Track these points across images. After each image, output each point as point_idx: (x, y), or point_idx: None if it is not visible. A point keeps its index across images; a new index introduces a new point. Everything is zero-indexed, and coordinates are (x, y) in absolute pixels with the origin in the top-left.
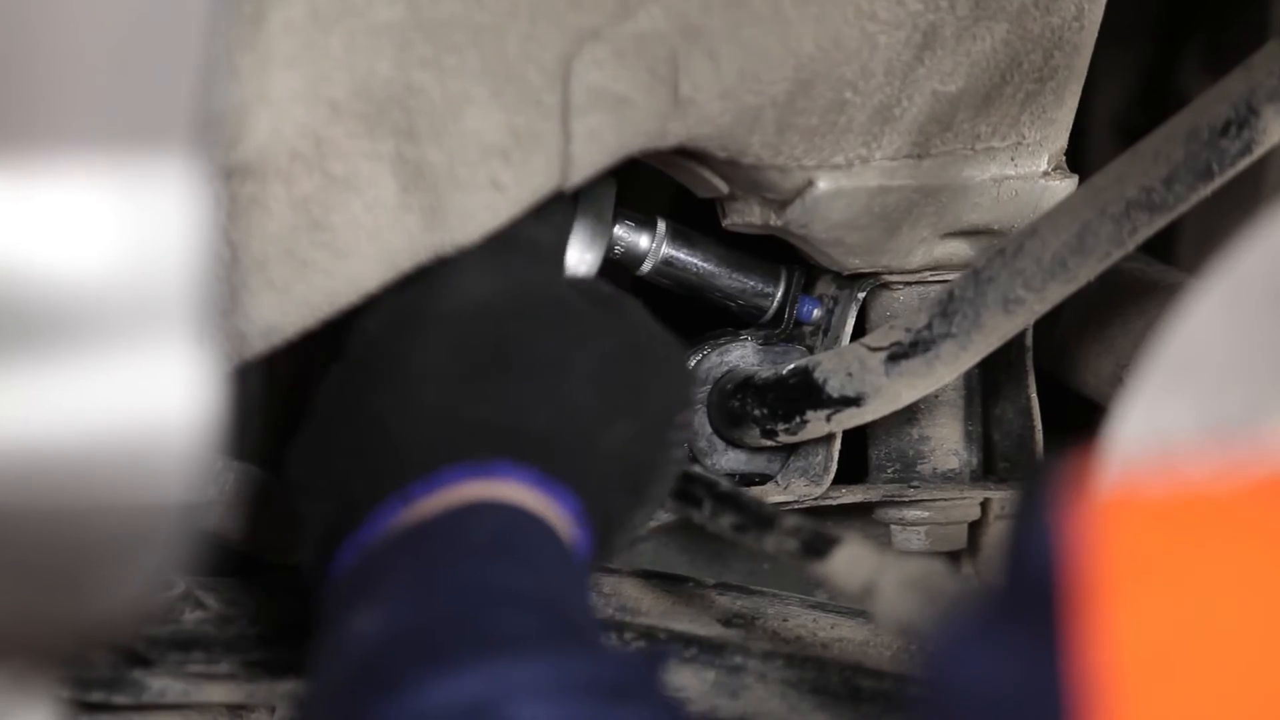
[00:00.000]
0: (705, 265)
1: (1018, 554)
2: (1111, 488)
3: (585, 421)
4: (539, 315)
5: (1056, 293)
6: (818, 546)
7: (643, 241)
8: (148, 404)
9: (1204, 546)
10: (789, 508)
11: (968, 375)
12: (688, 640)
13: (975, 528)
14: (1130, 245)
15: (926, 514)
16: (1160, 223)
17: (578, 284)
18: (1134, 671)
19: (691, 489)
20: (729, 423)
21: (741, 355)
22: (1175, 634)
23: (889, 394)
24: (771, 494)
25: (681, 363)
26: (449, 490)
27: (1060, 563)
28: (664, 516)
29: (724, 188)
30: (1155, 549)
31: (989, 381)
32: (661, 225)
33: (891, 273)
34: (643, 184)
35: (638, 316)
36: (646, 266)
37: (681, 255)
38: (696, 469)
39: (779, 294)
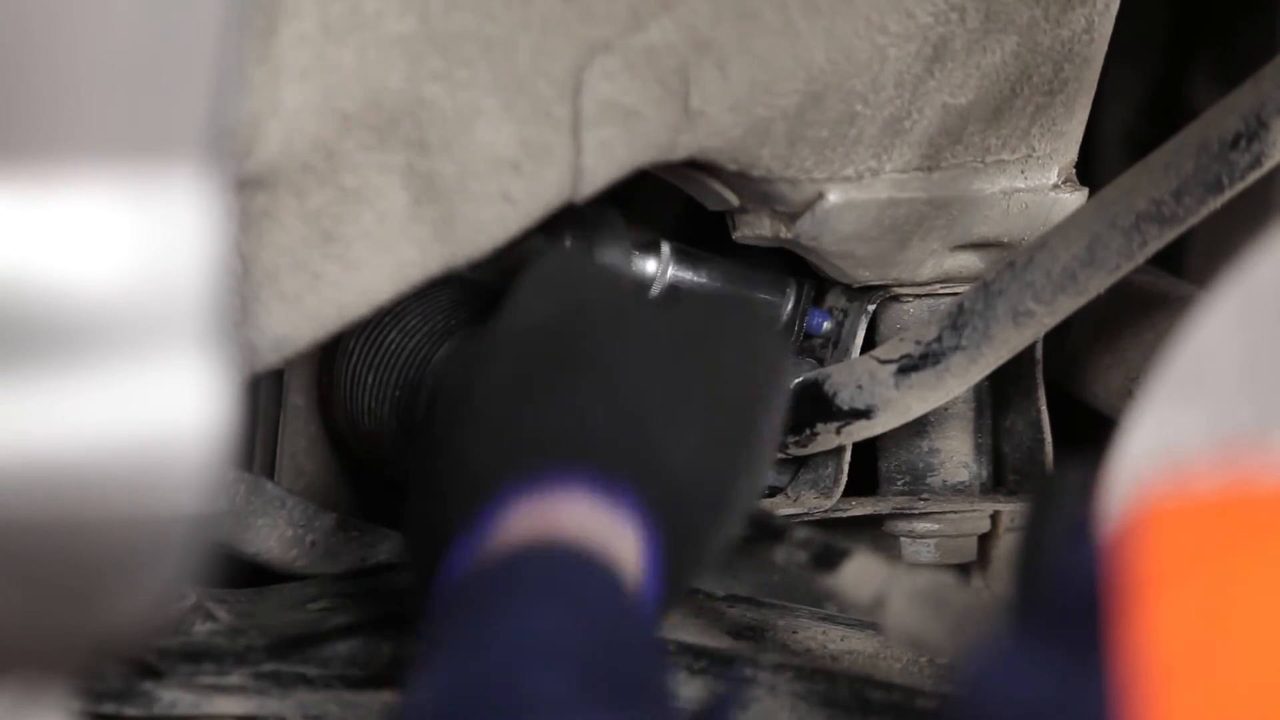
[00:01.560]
0: (712, 283)
1: (1052, 568)
2: (1140, 499)
3: (648, 423)
4: (597, 322)
5: (1066, 305)
6: (827, 559)
7: (648, 267)
8: (160, 416)
9: (1236, 553)
10: (799, 520)
11: (977, 388)
12: (697, 652)
13: (985, 540)
14: (1140, 258)
15: (936, 526)
16: (1170, 235)
17: (642, 293)
18: (1173, 680)
19: None
20: None
21: None
22: (1213, 641)
23: (899, 406)
24: (781, 506)
25: (774, 355)
26: (512, 519)
27: (1097, 576)
28: None
29: (734, 200)
30: (1188, 558)
31: (999, 394)
32: (665, 248)
33: (901, 285)
34: (649, 197)
35: (726, 314)
36: (654, 291)
37: (688, 276)
38: None
39: (789, 306)
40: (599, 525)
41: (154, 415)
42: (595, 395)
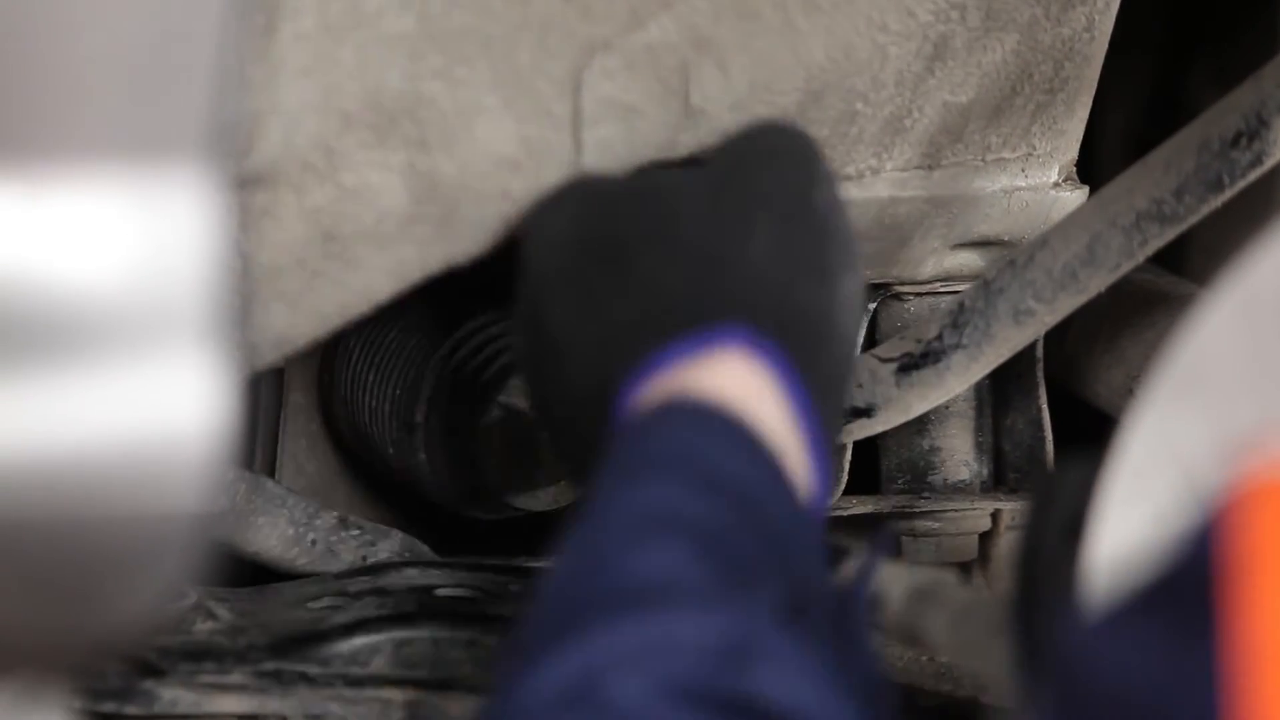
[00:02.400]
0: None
1: (1176, 546)
2: (1245, 477)
3: (746, 265)
4: (639, 193)
5: (1067, 304)
6: (828, 557)
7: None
8: (160, 414)
9: None
10: None
11: (978, 386)
12: None
13: (986, 538)
14: (1141, 256)
15: (937, 525)
16: (1171, 234)
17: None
18: None
19: None
20: None
21: None
22: None
23: (899, 405)
24: None
25: (818, 160)
26: (659, 378)
27: (1206, 553)
28: None
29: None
30: None
31: (999, 392)
32: None
33: (902, 283)
34: None
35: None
36: None
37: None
38: None
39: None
40: (737, 383)
41: (154, 413)
42: (671, 250)
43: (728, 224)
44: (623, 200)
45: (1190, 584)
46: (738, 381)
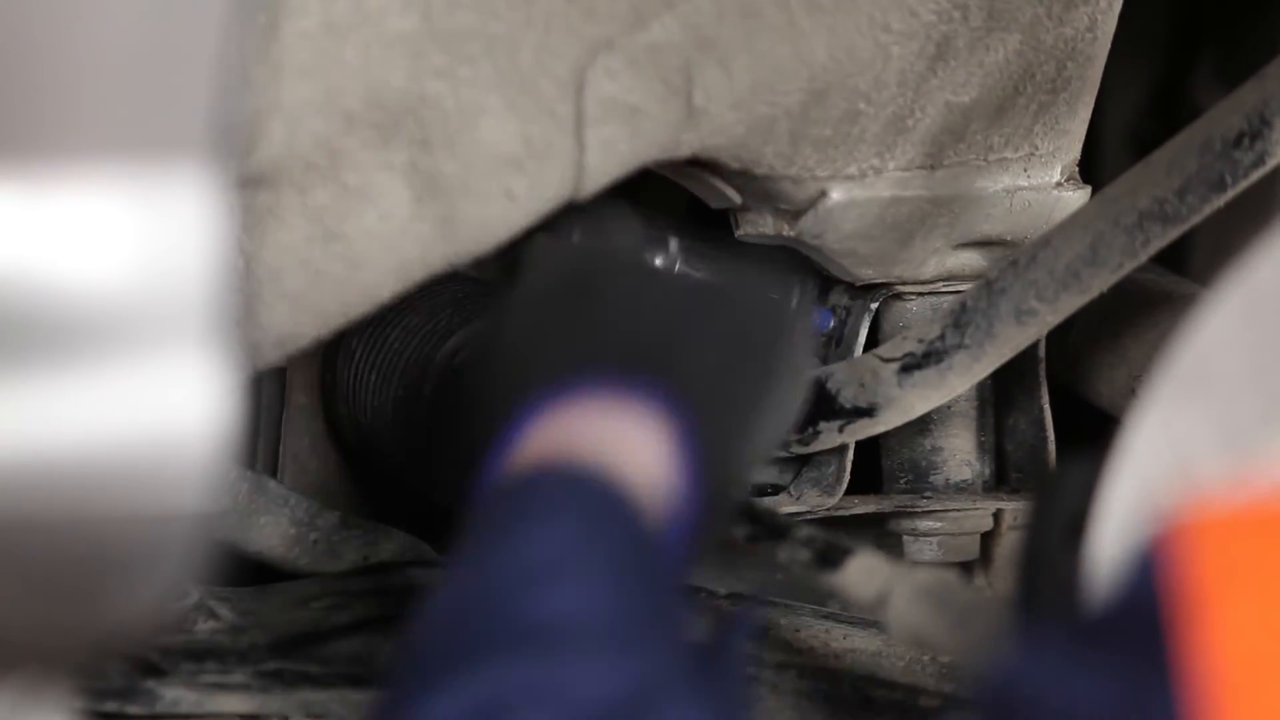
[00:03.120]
0: (717, 280)
1: (1115, 575)
2: (1193, 508)
3: (670, 338)
4: (613, 269)
5: (1069, 303)
6: (830, 557)
7: (657, 261)
8: (163, 414)
9: None
10: (801, 518)
11: (980, 386)
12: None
13: (988, 538)
14: (1143, 256)
15: (939, 524)
16: (1173, 234)
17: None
18: (1237, 695)
19: None
20: None
21: None
22: (1273, 646)
23: (902, 405)
24: (784, 504)
25: (786, 315)
26: (531, 438)
27: (1157, 583)
28: None
29: (737, 198)
30: (1249, 568)
31: (1001, 392)
32: (674, 243)
33: (904, 283)
34: (652, 196)
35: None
36: None
37: (694, 273)
38: None
39: (792, 305)
40: (621, 437)
41: (157, 413)
42: (615, 315)
43: (690, 307)
44: (608, 265)
45: (1138, 620)
46: (632, 436)
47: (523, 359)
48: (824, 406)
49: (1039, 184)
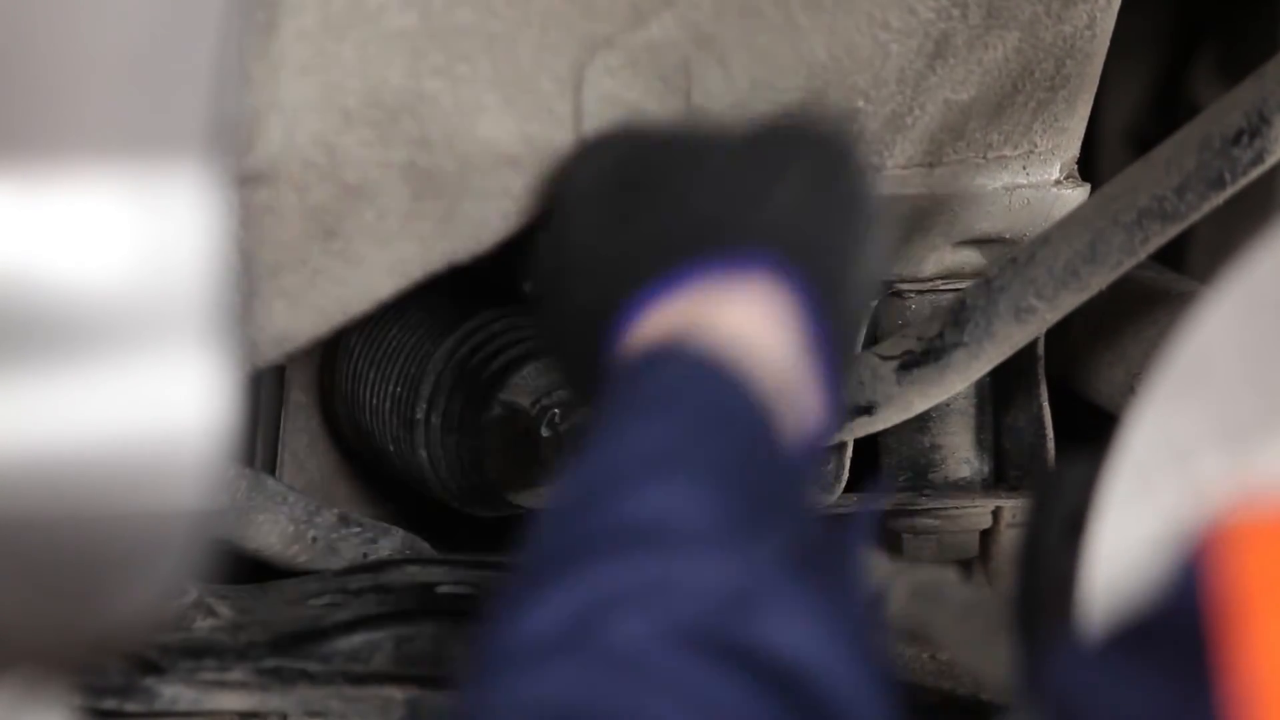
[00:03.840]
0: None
1: (1159, 583)
2: (1241, 511)
3: (767, 199)
4: (673, 137)
5: (1068, 301)
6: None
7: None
8: (161, 411)
9: None
10: None
11: (979, 384)
12: None
13: (987, 536)
14: (1142, 254)
15: (938, 522)
16: (1172, 231)
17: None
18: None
19: None
20: None
21: None
22: None
23: (901, 402)
24: None
25: (848, 145)
26: (647, 324)
27: (1201, 589)
28: None
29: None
30: None
31: (1000, 390)
32: None
33: (903, 281)
34: None
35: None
36: None
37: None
38: None
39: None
40: (740, 315)
41: (155, 411)
42: (691, 193)
43: (761, 164)
44: (663, 138)
45: (1183, 626)
46: (753, 311)
47: (610, 260)
48: None
49: (1038, 182)
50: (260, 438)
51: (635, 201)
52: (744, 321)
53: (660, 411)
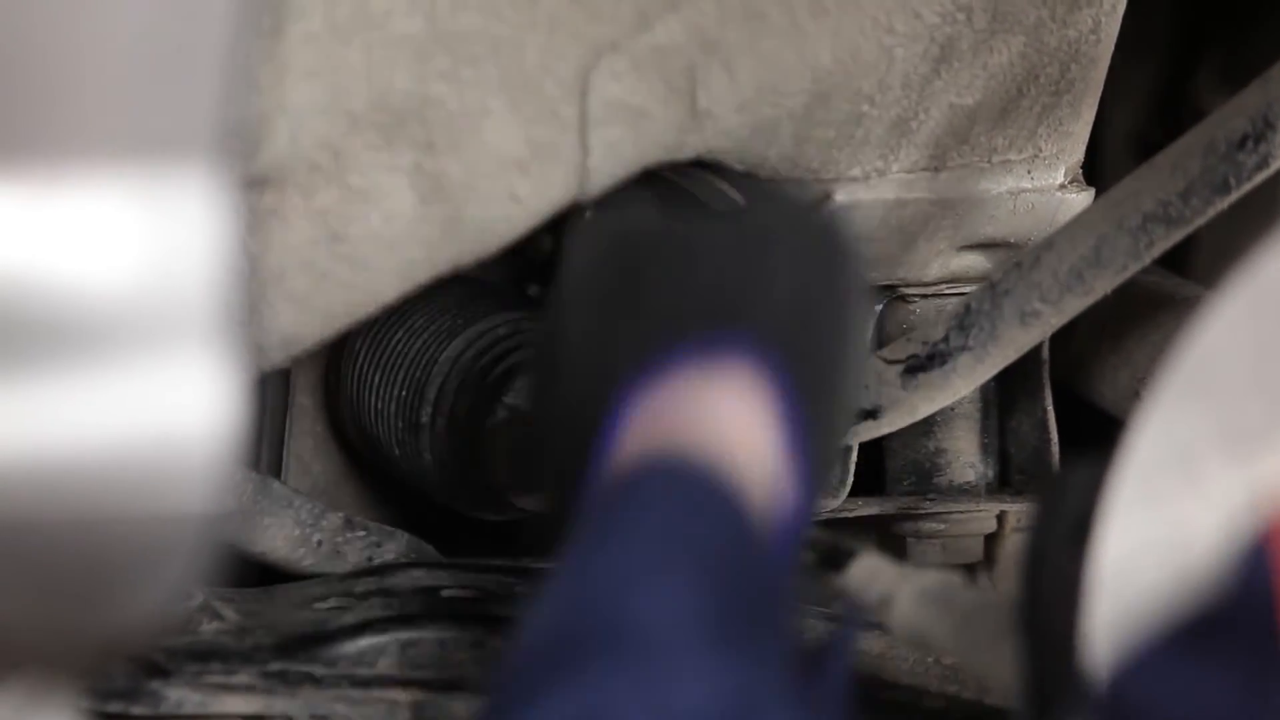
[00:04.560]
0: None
1: (1224, 575)
2: None
3: (752, 291)
4: (666, 232)
5: (1073, 306)
6: (834, 559)
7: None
8: (168, 415)
9: None
10: None
11: (984, 388)
12: None
13: (991, 540)
14: (1147, 259)
15: (942, 527)
16: (1177, 236)
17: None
18: None
19: None
20: None
21: None
22: None
23: (905, 407)
24: None
25: (841, 237)
26: (632, 428)
27: (1268, 576)
28: None
29: (741, 200)
30: None
31: (1005, 394)
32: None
33: (908, 285)
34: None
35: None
36: None
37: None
38: None
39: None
40: (719, 412)
41: (162, 414)
42: (679, 280)
43: (748, 249)
44: (655, 223)
45: (1250, 618)
46: (735, 401)
47: (596, 351)
48: None
49: (1043, 186)
50: (265, 441)
51: (622, 292)
52: (725, 414)
53: (649, 518)
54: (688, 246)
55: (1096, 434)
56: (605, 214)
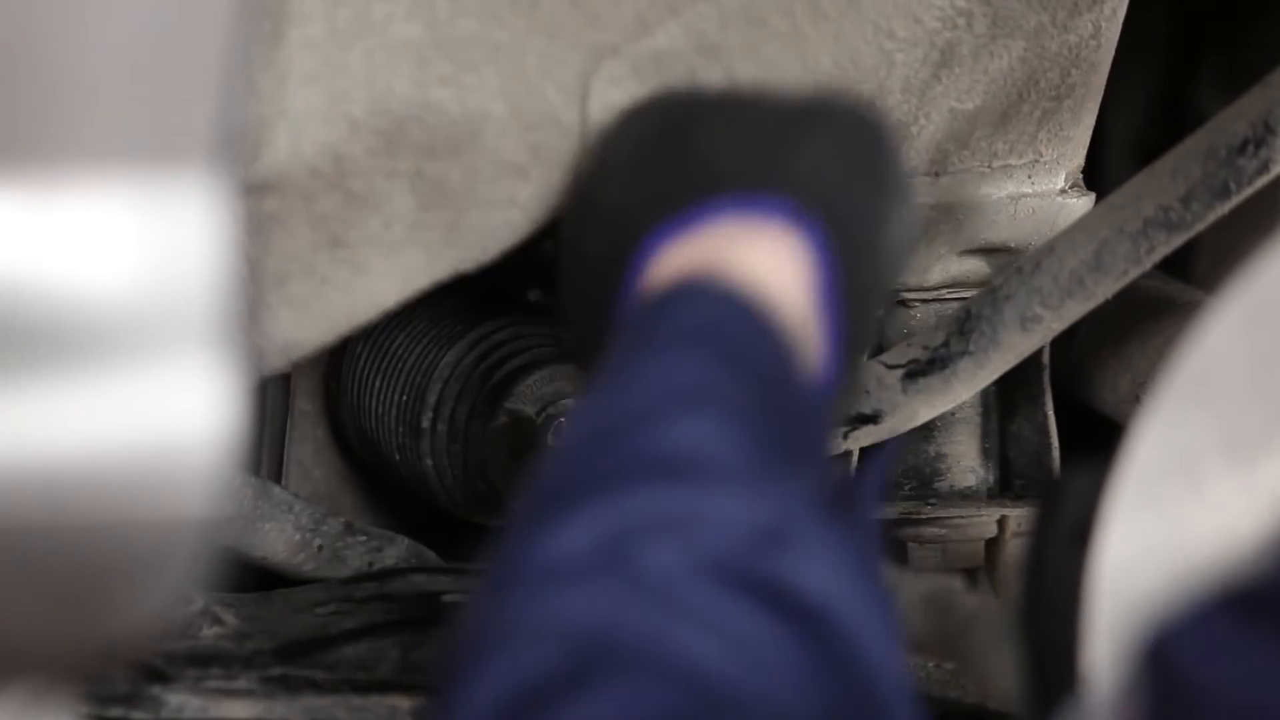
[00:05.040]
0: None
1: (1264, 552)
2: None
3: (792, 147)
4: (705, 98)
5: (1074, 311)
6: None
7: None
8: (168, 420)
9: None
10: None
11: (984, 393)
12: None
13: (992, 545)
14: (1148, 263)
15: (943, 531)
16: (1178, 241)
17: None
18: None
19: None
20: None
21: None
22: None
23: (906, 412)
24: None
25: (886, 128)
26: (665, 261)
27: None
28: None
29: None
30: None
31: (1006, 399)
32: None
33: (909, 290)
34: None
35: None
36: None
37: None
38: None
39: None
40: (757, 255)
41: (162, 419)
42: (722, 140)
43: (789, 123)
44: (698, 99)
45: None
46: (769, 255)
47: (630, 208)
48: None
49: (1043, 191)
50: (266, 446)
51: (660, 154)
52: (760, 264)
53: (688, 344)
54: (730, 113)
55: (1097, 439)
56: (646, 99)
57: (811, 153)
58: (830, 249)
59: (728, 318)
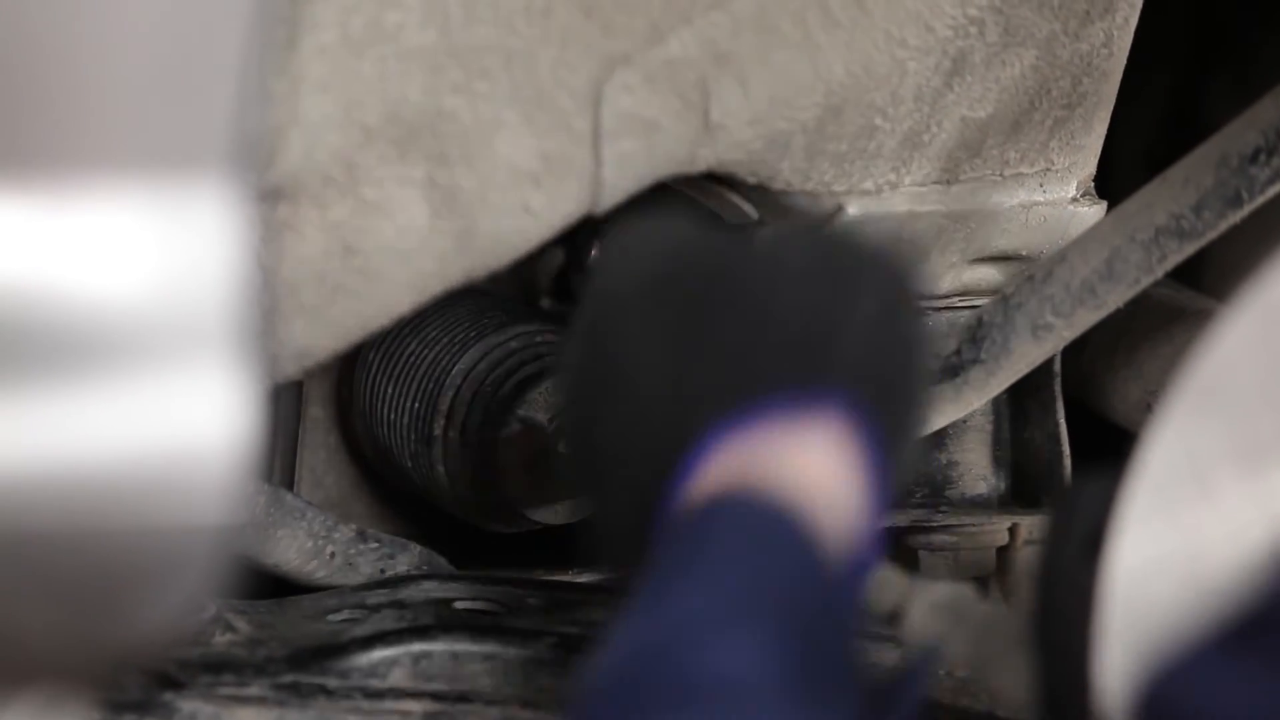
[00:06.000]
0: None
1: (1266, 577)
2: None
3: (821, 335)
4: (718, 259)
5: (1085, 319)
6: None
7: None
8: (182, 427)
9: None
10: None
11: (996, 401)
12: None
13: (1004, 553)
14: (1159, 272)
15: (954, 539)
16: (1190, 249)
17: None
18: None
19: None
20: None
21: None
22: None
23: None
24: None
25: (895, 263)
26: (709, 465)
27: None
28: None
29: (753, 213)
30: None
31: (1017, 407)
32: None
33: (920, 298)
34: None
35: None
36: None
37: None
38: None
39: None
40: (802, 457)
41: (176, 427)
42: (763, 311)
43: (828, 293)
44: (707, 254)
45: None
46: (824, 453)
47: (669, 390)
48: None
49: (1055, 199)
50: (278, 453)
51: (689, 333)
52: (810, 470)
53: (730, 566)
54: (752, 276)
55: (1108, 447)
56: (641, 229)
57: (854, 332)
58: (880, 431)
59: (772, 538)
